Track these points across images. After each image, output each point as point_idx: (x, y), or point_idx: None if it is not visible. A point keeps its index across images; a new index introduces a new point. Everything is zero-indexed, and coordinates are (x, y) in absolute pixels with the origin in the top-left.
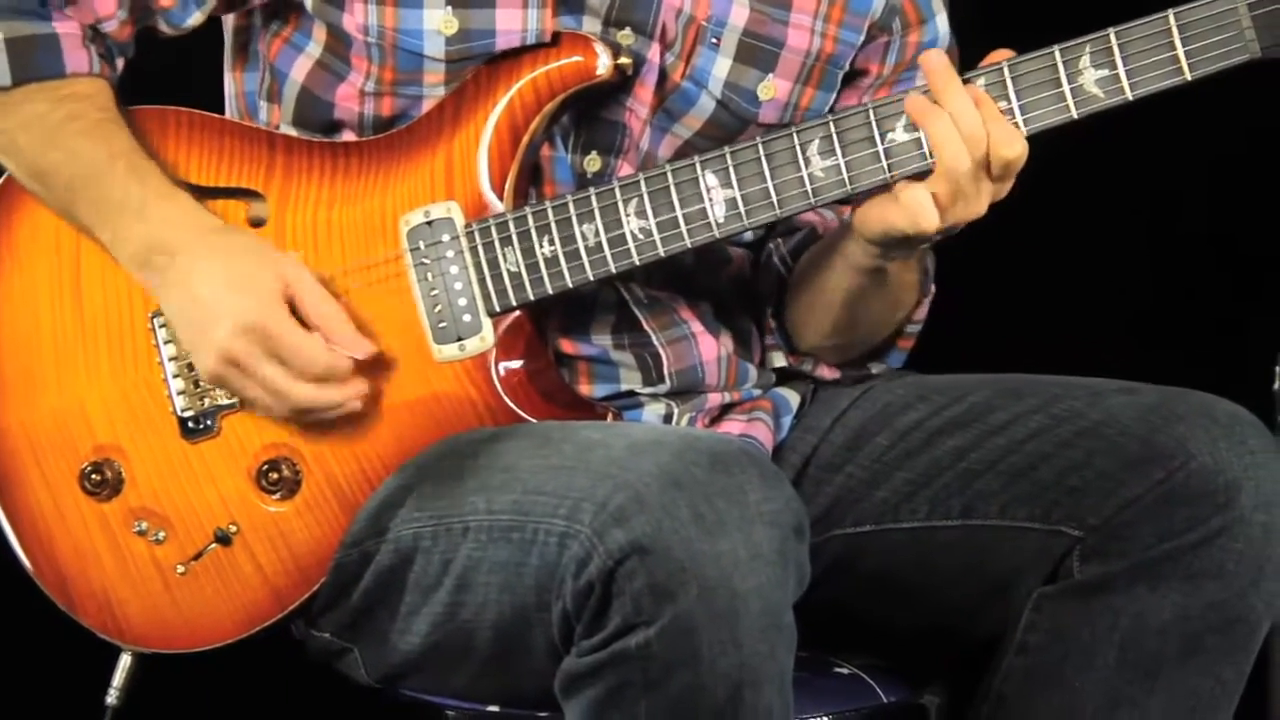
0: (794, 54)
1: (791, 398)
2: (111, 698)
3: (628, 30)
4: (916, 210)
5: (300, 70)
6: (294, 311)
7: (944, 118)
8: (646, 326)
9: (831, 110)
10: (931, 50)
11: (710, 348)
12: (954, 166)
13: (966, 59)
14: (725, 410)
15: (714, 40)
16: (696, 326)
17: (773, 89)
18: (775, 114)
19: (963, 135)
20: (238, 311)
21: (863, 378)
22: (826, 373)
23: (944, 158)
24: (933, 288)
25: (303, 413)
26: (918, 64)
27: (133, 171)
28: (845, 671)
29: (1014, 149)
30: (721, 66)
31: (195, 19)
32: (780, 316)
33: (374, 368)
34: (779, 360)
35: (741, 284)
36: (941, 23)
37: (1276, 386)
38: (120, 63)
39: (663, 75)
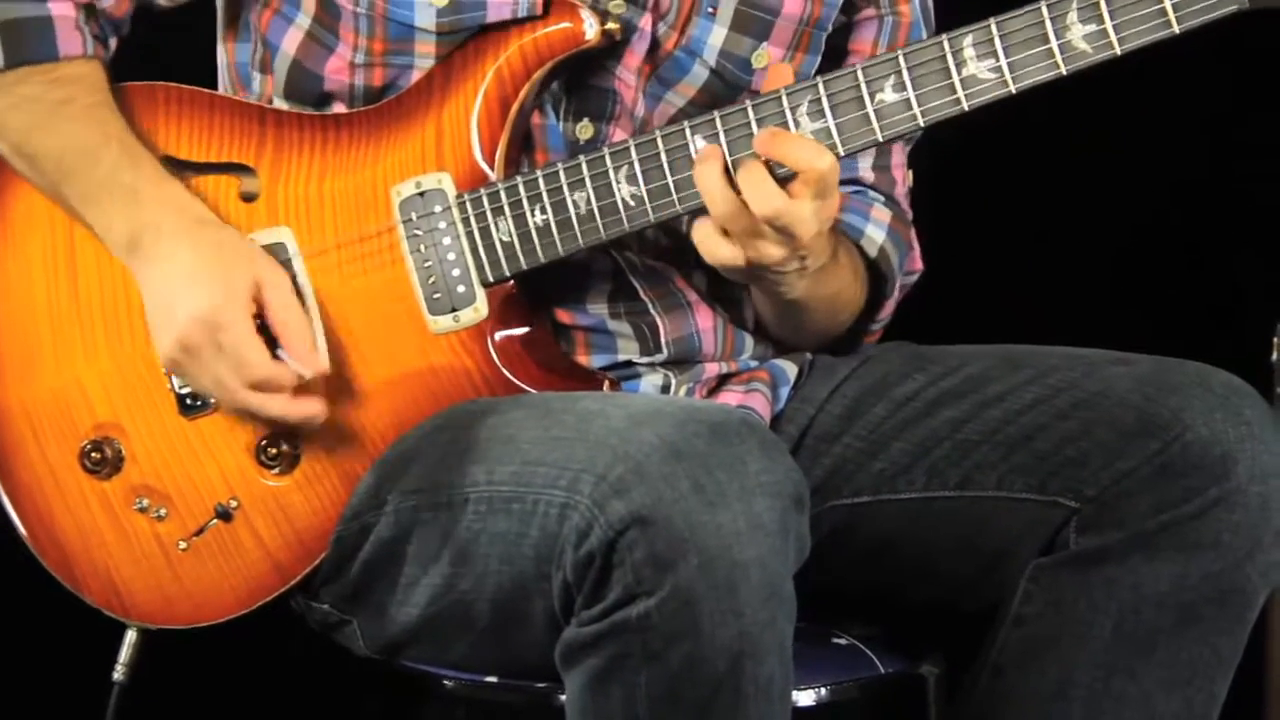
0: (788, 21)
1: (789, 369)
2: (119, 674)
3: (619, 0)
4: (701, 244)
5: (291, 43)
6: (259, 316)
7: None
8: (644, 295)
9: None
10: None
11: (706, 316)
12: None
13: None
14: (723, 381)
15: (710, 10)
16: (693, 295)
17: (766, 57)
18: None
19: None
20: (198, 299)
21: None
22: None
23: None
24: (897, 288)
25: (251, 415)
26: (918, 25)
27: (126, 155)
28: (843, 642)
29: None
30: (717, 35)
31: None
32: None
33: (369, 341)
34: None
35: None
36: None
37: (1275, 357)
38: (114, 42)
39: (655, 43)
